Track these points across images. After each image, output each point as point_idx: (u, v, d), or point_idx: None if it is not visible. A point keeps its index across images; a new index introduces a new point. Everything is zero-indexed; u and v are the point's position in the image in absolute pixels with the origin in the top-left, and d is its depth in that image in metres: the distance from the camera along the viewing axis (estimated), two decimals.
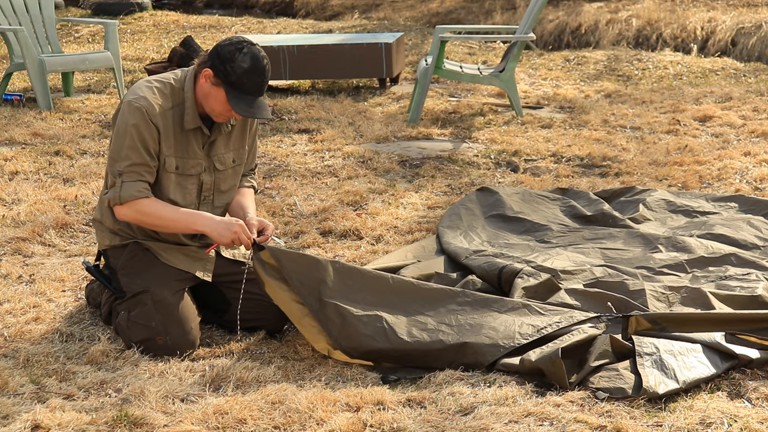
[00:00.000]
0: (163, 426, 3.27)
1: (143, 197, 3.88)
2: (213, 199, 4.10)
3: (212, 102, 3.90)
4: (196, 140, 4.00)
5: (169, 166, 3.95)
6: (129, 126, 3.87)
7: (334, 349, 3.77)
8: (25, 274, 4.66)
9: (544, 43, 13.18)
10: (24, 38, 7.95)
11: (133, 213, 3.90)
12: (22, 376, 3.61)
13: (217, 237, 3.88)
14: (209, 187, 4.08)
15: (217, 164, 4.07)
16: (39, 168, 6.29)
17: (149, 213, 3.89)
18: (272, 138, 7.23)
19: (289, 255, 3.87)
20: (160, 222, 3.92)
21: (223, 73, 3.83)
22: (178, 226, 3.93)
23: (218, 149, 4.07)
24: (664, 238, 4.85)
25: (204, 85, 3.89)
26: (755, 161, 6.55)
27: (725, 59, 11.01)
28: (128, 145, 3.86)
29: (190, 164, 4.00)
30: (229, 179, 4.13)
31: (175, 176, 3.97)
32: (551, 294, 4.17)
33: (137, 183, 3.88)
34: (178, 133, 3.96)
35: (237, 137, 4.14)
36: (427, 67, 7.92)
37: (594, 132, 7.47)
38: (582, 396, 3.44)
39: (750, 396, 3.46)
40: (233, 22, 13.88)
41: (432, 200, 5.84)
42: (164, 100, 3.93)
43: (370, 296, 3.85)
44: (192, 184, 4.03)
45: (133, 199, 3.87)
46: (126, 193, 3.87)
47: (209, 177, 4.07)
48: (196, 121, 3.96)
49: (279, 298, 3.85)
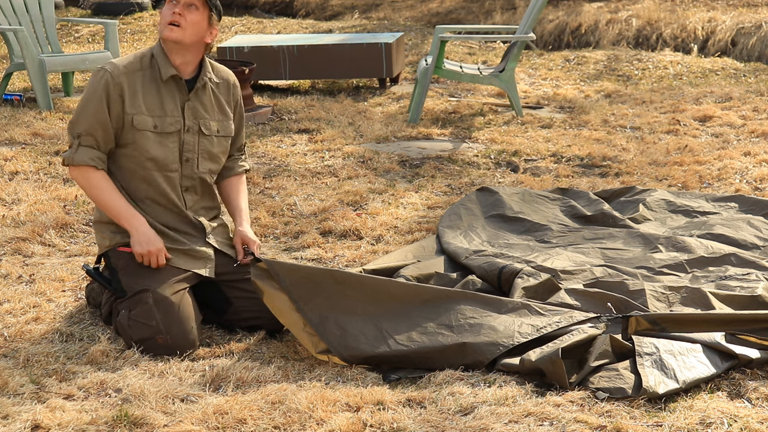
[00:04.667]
0: (163, 426, 3.27)
1: (94, 167, 3.98)
2: (197, 163, 4.13)
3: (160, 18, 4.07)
4: (173, 99, 4.06)
5: (143, 124, 4.00)
6: (91, 91, 3.99)
7: (333, 356, 3.77)
8: (25, 274, 4.66)
9: (544, 43, 13.17)
10: (24, 38, 7.95)
11: (81, 178, 4.01)
12: (22, 376, 3.62)
13: (133, 242, 3.98)
14: (192, 149, 4.11)
15: (203, 128, 4.12)
16: (39, 168, 6.29)
17: (95, 186, 3.99)
18: (272, 138, 7.23)
19: (286, 267, 3.87)
20: (100, 199, 4.00)
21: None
22: (111, 211, 4.00)
23: (201, 113, 4.12)
24: (664, 238, 4.85)
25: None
26: (755, 161, 6.55)
27: (725, 59, 11.00)
28: (89, 111, 3.98)
29: (168, 122, 4.05)
30: (215, 147, 4.17)
31: (153, 135, 4.03)
32: (551, 294, 4.17)
33: (91, 150, 3.99)
34: (152, 92, 4.03)
35: (219, 107, 4.18)
36: (427, 67, 7.92)
37: (594, 132, 7.47)
38: (582, 396, 3.44)
39: (750, 396, 3.46)
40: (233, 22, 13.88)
41: (432, 200, 5.84)
42: (132, 62, 4.04)
43: (370, 306, 3.84)
44: (173, 142, 4.07)
45: (84, 165, 3.98)
46: (79, 157, 3.98)
47: (192, 138, 4.10)
48: (170, 69, 4.03)
49: (277, 309, 3.84)
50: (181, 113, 4.07)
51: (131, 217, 3.99)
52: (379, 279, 3.99)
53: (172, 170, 4.07)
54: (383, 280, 3.98)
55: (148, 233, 3.98)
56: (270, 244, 5.16)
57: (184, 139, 4.08)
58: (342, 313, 3.80)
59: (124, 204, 4.00)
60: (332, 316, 3.79)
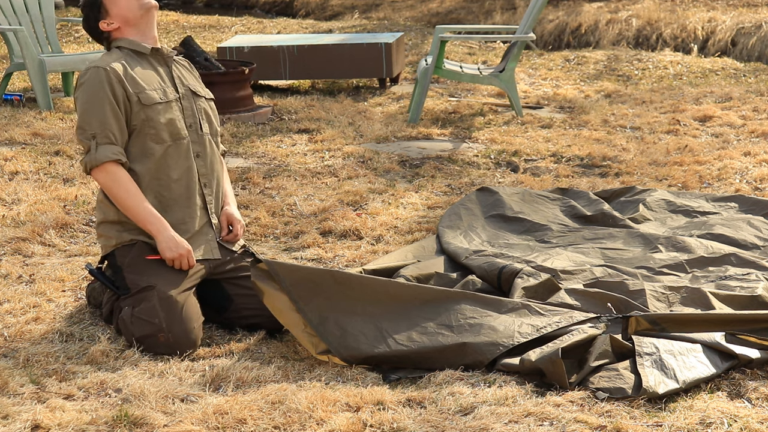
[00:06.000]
0: (163, 426, 3.27)
1: (117, 161, 3.99)
2: (200, 125, 4.19)
3: (120, 12, 4.10)
4: (160, 71, 4.15)
5: (150, 99, 4.05)
6: (92, 90, 4.00)
7: (333, 356, 3.77)
8: (25, 274, 4.66)
9: (544, 43, 13.17)
10: (24, 38, 7.95)
11: (107, 178, 3.99)
12: (22, 376, 3.62)
13: (162, 248, 3.98)
14: (191, 113, 4.17)
15: (193, 89, 4.21)
16: (39, 168, 6.29)
17: (122, 186, 3.98)
18: (272, 138, 7.23)
19: (287, 267, 3.87)
20: (126, 201, 3.99)
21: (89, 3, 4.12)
22: (137, 215, 3.99)
23: (186, 80, 4.23)
24: (664, 238, 4.85)
25: (111, 25, 4.13)
26: (755, 161, 6.55)
27: (725, 59, 11.00)
28: (97, 110, 3.98)
29: (168, 91, 4.12)
30: (209, 109, 4.25)
31: (161, 106, 4.07)
32: (551, 294, 4.17)
33: (110, 146, 3.99)
34: (142, 70, 4.10)
35: (193, 75, 4.30)
36: (427, 67, 7.92)
37: (594, 132, 7.47)
38: (582, 396, 3.44)
39: (750, 396, 3.46)
40: (233, 21, 13.88)
41: (432, 200, 5.84)
42: (110, 56, 4.11)
43: (371, 306, 3.84)
44: (177, 110, 4.12)
45: (108, 161, 3.97)
46: (101, 155, 3.97)
47: (188, 103, 4.17)
48: (147, 45, 4.13)
49: (277, 310, 3.84)
50: (171, 82, 4.17)
51: (157, 222, 4.00)
52: (379, 279, 3.99)
53: (183, 137, 4.12)
54: (383, 281, 3.98)
55: (175, 237, 4.00)
56: (270, 244, 5.16)
57: (183, 105, 4.16)
58: (342, 313, 3.81)
59: (149, 208, 4.00)
60: (332, 317, 3.79)
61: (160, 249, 3.99)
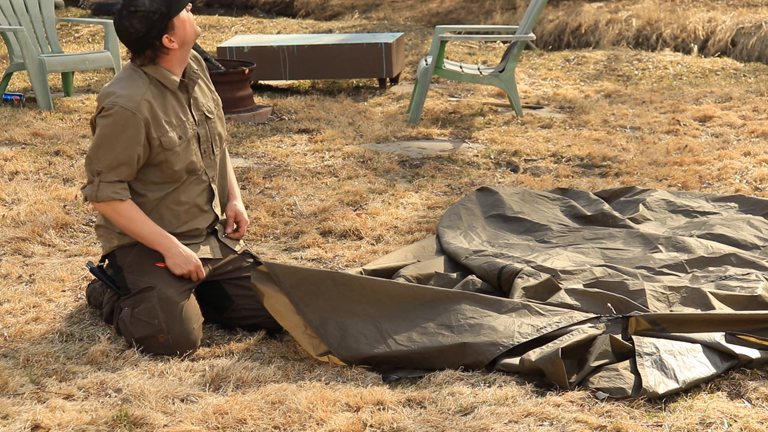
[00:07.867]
0: (163, 426, 3.27)
1: (119, 199, 3.95)
2: (212, 148, 4.16)
3: (184, 33, 3.98)
4: (180, 104, 4.06)
5: (171, 143, 3.99)
6: (114, 130, 3.91)
7: (334, 357, 3.77)
8: (25, 274, 4.66)
9: (544, 43, 13.17)
10: (24, 38, 7.95)
11: (108, 210, 3.99)
12: (22, 376, 3.62)
13: (171, 264, 3.98)
14: (206, 138, 4.14)
15: (206, 113, 4.15)
16: (39, 168, 6.29)
17: (123, 216, 3.97)
18: (272, 138, 7.23)
19: (287, 269, 3.87)
20: (129, 228, 3.98)
21: (159, 15, 3.92)
22: (144, 238, 3.99)
23: (200, 102, 4.15)
24: (664, 238, 4.85)
25: (171, 43, 3.97)
26: (755, 161, 6.55)
27: (725, 59, 11.00)
28: (112, 150, 3.92)
29: (186, 127, 4.06)
30: (218, 125, 4.21)
31: (180, 147, 4.01)
32: (551, 294, 4.18)
33: (114, 184, 3.95)
34: (164, 107, 4.01)
35: (206, 84, 4.23)
36: (427, 67, 7.92)
37: (594, 132, 7.47)
38: (582, 396, 3.44)
39: (750, 396, 3.46)
40: (233, 22, 13.88)
41: (432, 200, 5.84)
42: (136, 88, 3.96)
43: (371, 308, 3.84)
44: (194, 145, 4.09)
45: (109, 200, 3.95)
46: (103, 193, 3.95)
47: (203, 129, 4.13)
48: (176, 77, 4.03)
49: (278, 312, 3.83)
50: (189, 112, 4.09)
51: (164, 240, 3.99)
52: (380, 280, 3.99)
53: (198, 170, 4.10)
54: (383, 282, 3.98)
55: (183, 252, 3.99)
56: (270, 244, 5.16)
57: (200, 134, 4.11)
58: (342, 314, 3.81)
59: (154, 228, 3.99)
60: (333, 318, 3.79)
61: (170, 266, 3.99)
